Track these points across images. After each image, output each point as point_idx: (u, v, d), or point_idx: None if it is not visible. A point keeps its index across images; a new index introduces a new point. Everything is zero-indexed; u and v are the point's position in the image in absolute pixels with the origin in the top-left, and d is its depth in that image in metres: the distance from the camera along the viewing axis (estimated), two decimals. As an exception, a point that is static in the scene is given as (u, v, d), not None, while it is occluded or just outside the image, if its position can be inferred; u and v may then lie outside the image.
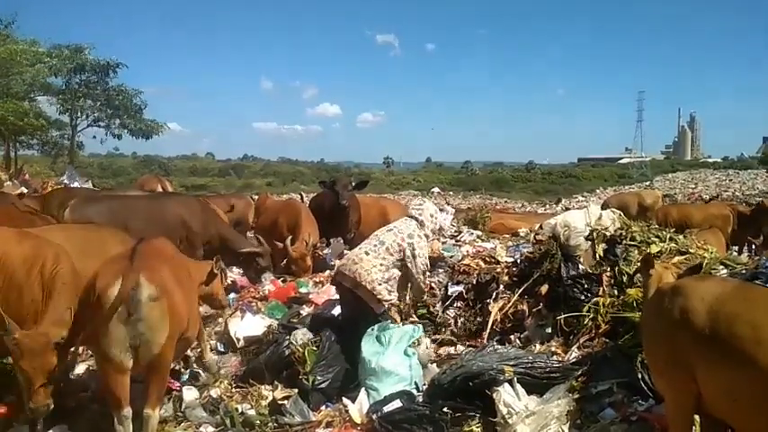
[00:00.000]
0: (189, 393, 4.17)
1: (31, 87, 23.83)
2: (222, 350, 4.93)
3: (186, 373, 4.48)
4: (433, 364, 4.28)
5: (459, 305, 5.04)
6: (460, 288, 5.20)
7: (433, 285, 5.28)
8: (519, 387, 3.52)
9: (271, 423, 3.92)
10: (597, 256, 4.63)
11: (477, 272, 5.30)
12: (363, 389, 4.01)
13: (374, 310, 4.33)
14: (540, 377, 3.62)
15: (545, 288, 4.61)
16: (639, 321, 3.53)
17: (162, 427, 3.67)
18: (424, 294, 4.97)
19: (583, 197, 38.86)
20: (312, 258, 7.23)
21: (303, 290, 6.14)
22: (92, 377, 4.12)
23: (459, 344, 4.62)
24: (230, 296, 5.80)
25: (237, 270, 6.79)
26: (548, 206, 30.10)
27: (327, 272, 6.82)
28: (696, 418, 2.60)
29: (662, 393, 2.81)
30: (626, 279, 4.29)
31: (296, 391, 4.10)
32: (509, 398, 3.44)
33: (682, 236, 5.02)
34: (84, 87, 28.42)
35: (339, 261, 5.80)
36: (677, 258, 4.36)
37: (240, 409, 4.05)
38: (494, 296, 4.84)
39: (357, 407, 3.92)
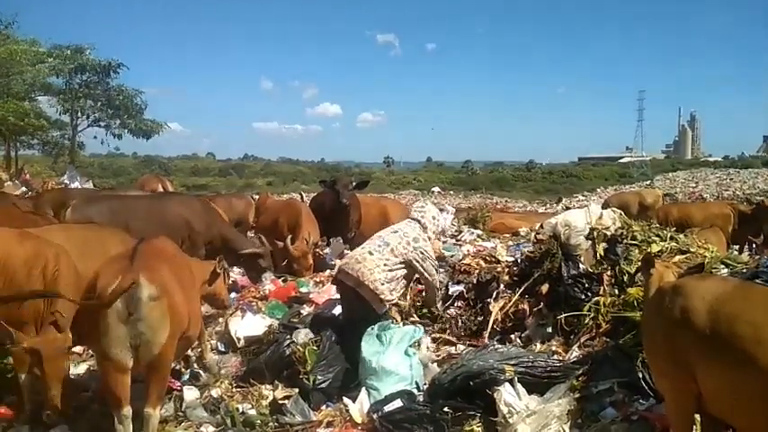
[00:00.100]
0: (189, 393, 4.17)
1: (31, 87, 23.76)
2: (223, 350, 4.92)
3: (187, 372, 4.48)
4: (434, 364, 4.28)
5: (460, 304, 5.04)
6: (461, 287, 5.21)
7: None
8: (520, 386, 3.52)
9: (271, 423, 3.91)
10: (598, 255, 4.62)
11: (478, 271, 5.30)
12: (364, 388, 4.00)
13: (376, 309, 4.33)
14: (541, 376, 3.62)
15: (546, 287, 4.61)
16: (640, 321, 3.53)
17: (162, 427, 3.66)
18: (439, 293, 4.93)
19: (583, 196, 38.91)
20: (313, 257, 7.24)
21: (303, 289, 6.13)
22: (92, 377, 4.12)
23: (460, 343, 4.62)
24: (231, 296, 5.79)
25: (238, 270, 6.79)
26: (548, 205, 30.17)
27: (328, 271, 6.82)
28: (696, 417, 2.60)
29: (662, 393, 2.80)
30: (627, 278, 4.29)
31: (296, 390, 4.10)
32: (510, 397, 3.44)
33: (682, 235, 5.01)
34: (85, 87, 28.35)
35: (340, 260, 5.80)
36: (678, 257, 4.36)
37: (241, 409, 4.04)
38: (494, 295, 4.84)
39: (358, 406, 3.92)
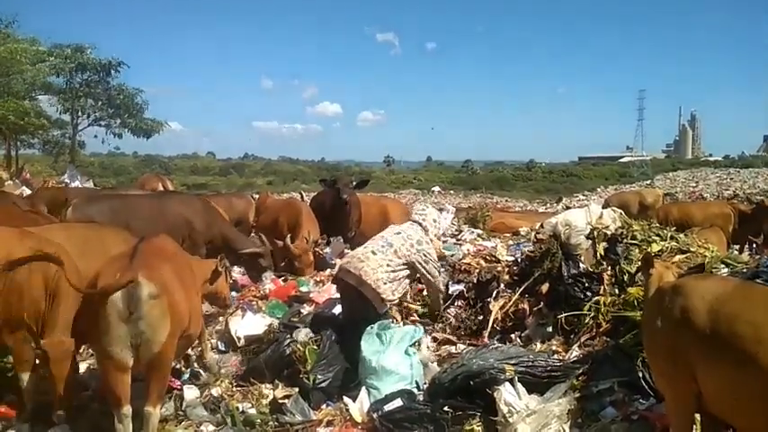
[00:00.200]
0: (190, 392, 4.17)
1: (32, 86, 23.73)
2: (223, 349, 4.92)
3: (187, 371, 4.48)
4: (434, 363, 4.28)
5: (460, 304, 5.04)
6: (461, 287, 5.22)
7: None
8: (520, 386, 3.52)
9: (271, 422, 3.91)
10: (598, 254, 4.62)
11: (478, 270, 5.31)
12: (364, 388, 4.00)
13: (376, 308, 4.34)
14: (541, 376, 3.62)
15: (546, 287, 4.61)
16: (640, 320, 3.53)
17: (162, 426, 3.67)
18: (443, 295, 4.95)
19: (584, 196, 38.87)
20: (313, 255, 7.24)
21: (304, 289, 6.13)
22: (92, 376, 4.12)
23: (460, 343, 4.62)
24: (231, 294, 5.79)
25: (238, 269, 6.79)
26: (548, 205, 30.16)
27: (328, 271, 6.81)
28: (697, 417, 2.60)
29: (663, 392, 2.81)
30: (627, 278, 4.29)
31: (297, 389, 4.10)
32: (510, 397, 3.44)
33: (683, 235, 5.01)
34: (86, 87, 28.38)
35: (341, 259, 5.79)
36: (678, 257, 4.37)
37: (241, 408, 4.04)
38: (494, 295, 4.84)
39: (358, 406, 3.92)
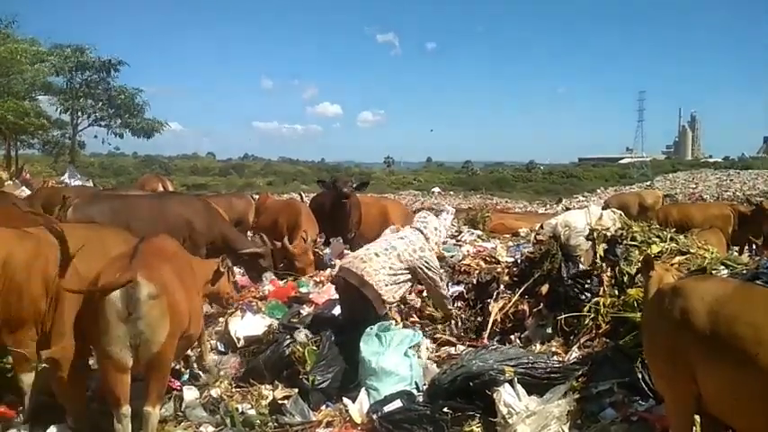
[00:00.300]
0: (189, 393, 4.16)
1: (31, 86, 23.75)
2: (222, 350, 4.92)
3: (186, 372, 4.48)
4: (434, 364, 4.28)
5: (460, 305, 5.05)
6: (461, 288, 5.22)
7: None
8: (519, 387, 3.52)
9: (271, 423, 3.90)
10: (598, 256, 4.62)
11: (478, 272, 5.31)
12: (363, 389, 4.00)
13: (377, 310, 4.34)
14: (541, 377, 3.62)
15: (545, 288, 4.61)
16: (640, 322, 3.53)
17: (162, 427, 3.66)
18: (447, 300, 4.88)
19: (583, 197, 38.96)
20: (313, 254, 7.24)
21: (303, 289, 6.12)
22: (92, 376, 4.11)
23: (460, 344, 4.62)
24: (231, 294, 5.78)
25: (239, 270, 6.78)
26: (548, 206, 30.18)
27: (328, 271, 6.81)
28: (696, 418, 2.59)
29: (662, 394, 2.81)
30: (626, 279, 4.29)
31: (296, 390, 4.09)
32: (509, 398, 3.44)
33: (682, 236, 5.02)
34: (86, 87, 28.42)
35: (340, 260, 5.79)
36: (678, 258, 4.37)
37: (240, 409, 4.03)
38: (494, 296, 4.84)
39: (357, 407, 3.91)
